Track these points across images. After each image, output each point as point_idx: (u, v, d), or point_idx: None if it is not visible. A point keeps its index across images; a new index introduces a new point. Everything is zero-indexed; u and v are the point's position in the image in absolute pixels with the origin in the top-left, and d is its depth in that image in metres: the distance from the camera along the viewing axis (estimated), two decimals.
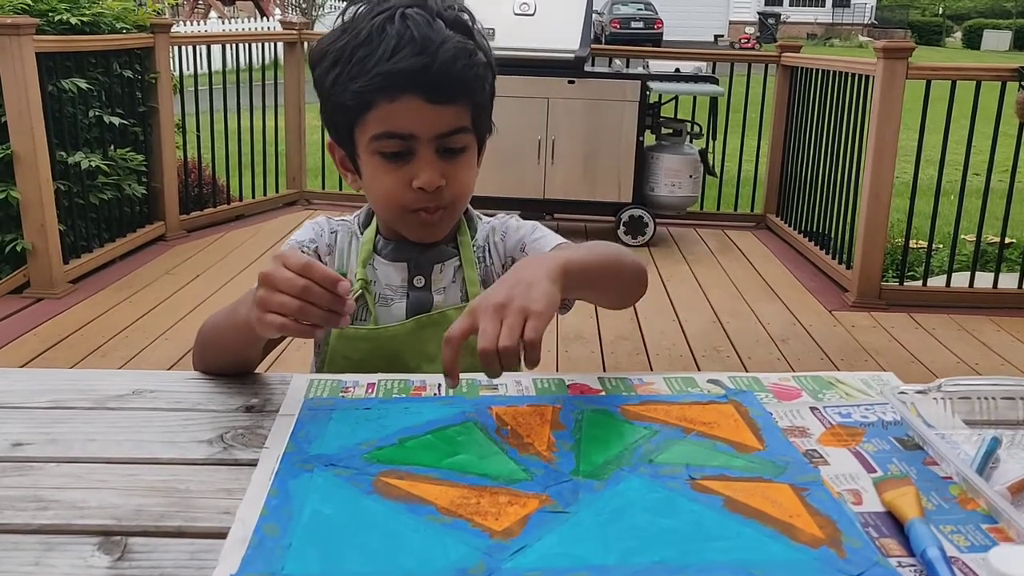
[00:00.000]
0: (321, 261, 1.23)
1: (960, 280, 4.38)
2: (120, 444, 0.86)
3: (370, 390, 0.97)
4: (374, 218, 1.26)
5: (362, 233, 1.26)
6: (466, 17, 1.15)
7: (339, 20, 1.14)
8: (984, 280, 4.37)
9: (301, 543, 0.67)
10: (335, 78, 1.11)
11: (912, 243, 4.57)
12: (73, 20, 4.30)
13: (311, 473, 0.78)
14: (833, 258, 4.69)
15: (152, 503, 0.76)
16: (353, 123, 1.13)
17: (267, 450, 0.84)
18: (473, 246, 1.26)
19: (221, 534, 0.71)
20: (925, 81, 4.11)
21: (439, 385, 0.98)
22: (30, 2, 4.20)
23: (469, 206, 1.28)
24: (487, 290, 0.92)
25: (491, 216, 1.33)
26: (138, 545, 0.70)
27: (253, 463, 0.82)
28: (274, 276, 0.89)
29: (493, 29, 4.72)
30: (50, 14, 4.26)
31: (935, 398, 0.93)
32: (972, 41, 35.59)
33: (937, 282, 4.48)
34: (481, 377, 1.01)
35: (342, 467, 0.79)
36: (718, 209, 5.99)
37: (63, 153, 4.11)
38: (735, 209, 6.03)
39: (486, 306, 0.87)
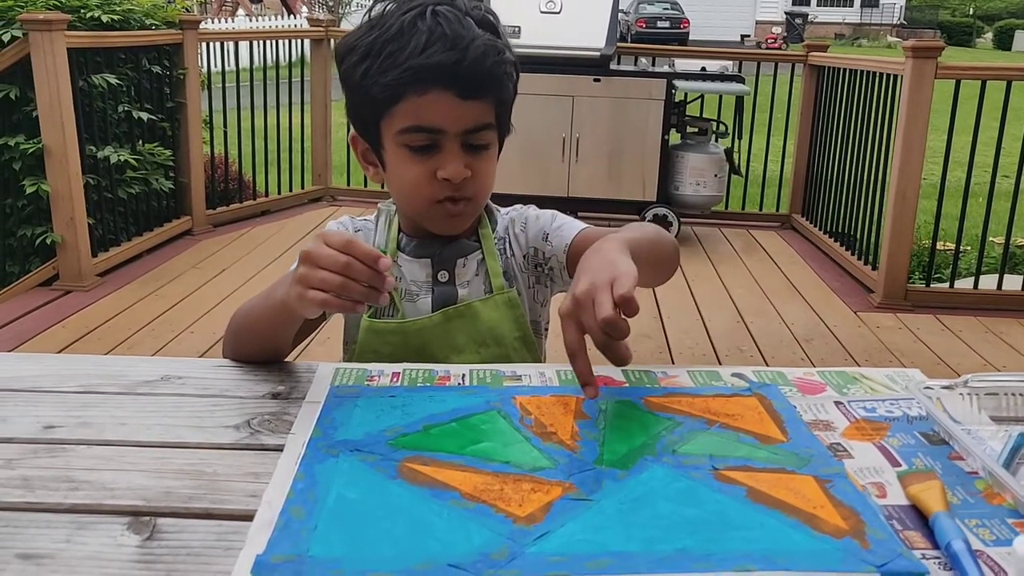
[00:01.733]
0: None
1: (988, 282, 4.34)
2: (149, 428, 0.88)
3: (395, 379, 0.97)
4: (396, 217, 1.27)
5: (385, 232, 1.27)
6: (492, 17, 1.16)
7: (366, 17, 1.15)
8: (1012, 282, 4.32)
9: (327, 526, 0.68)
10: (364, 71, 1.12)
11: (939, 245, 4.53)
12: (104, 17, 4.35)
13: (337, 458, 0.78)
14: (859, 259, 4.66)
15: (180, 485, 0.77)
16: (380, 116, 1.15)
17: (293, 436, 0.85)
18: (494, 238, 1.27)
19: (248, 516, 0.72)
20: (954, 81, 4.07)
21: (463, 375, 0.99)
22: None
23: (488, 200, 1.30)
24: (569, 291, 0.91)
25: (508, 208, 1.35)
26: (167, 525, 0.71)
27: (279, 448, 0.83)
28: (316, 253, 0.91)
29: (519, 27, 4.73)
30: (81, 10, 4.31)
31: (961, 394, 0.92)
32: (1003, 42, 35.15)
33: (964, 284, 4.44)
34: (504, 368, 1.01)
35: (367, 453, 0.79)
36: (743, 209, 5.97)
37: (92, 147, 4.17)
38: (760, 209, 6.01)
39: (577, 302, 0.87)
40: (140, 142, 4.52)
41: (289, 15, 19.26)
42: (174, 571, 0.66)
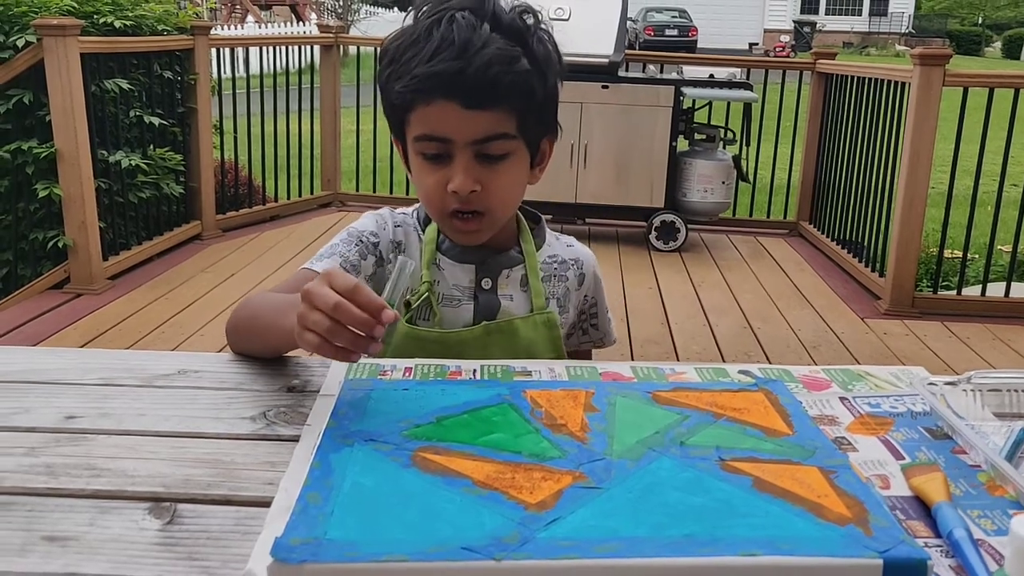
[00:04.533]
0: (383, 258, 1.24)
1: (995, 290, 4.34)
2: (168, 419, 0.90)
3: (407, 373, 0.99)
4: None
5: (423, 230, 1.26)
6: (529, 21, 1.13)
7: (407, 18, 1.15)
8: (1020, 290, 4.33)
9: (343, 511, 0.70)
10: (387, 76, 1.13)
11: (947, 253, 4.53)
12: (117, 23, 4.39)
13: (352, 447, 0.80)
14: (866, 266, 4.67)
15: (199, 473, 0.79)
16: (402, 121, 1.15)
17: (309, 427, 0.87)
18: (541, 257, 1.27)
19: (265, 503, 0.74)
20: (962, 89, 4.08)
21: (474, 370, 1.01)
22: (75, 4, 4.30)
23: (543, 219, 1.31)
24: None
25: (565, 235, 1.37)
26: (187, 511, 0.73)
27: (295, 439, 0.85)
28: (312, 292, 0.86)
29: None
30: (95, 16, 4.35)
31: (965, 390, 0.94)
32: (1012, 51, 35.09)
33: (972, 291, 4.44)
34: (515, 363, 1.03)
35: (381, 442, 0.81)
36: (751, 216, 5.98)
37: (104, 152, 4.20)
38: (768, 216, 6.01)
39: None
40: (151, 147, 4.56)
41: (299, 21, 19.36)
42: (195, 553, 0.68)
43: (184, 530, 0.71)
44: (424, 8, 1.13)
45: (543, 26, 1.16)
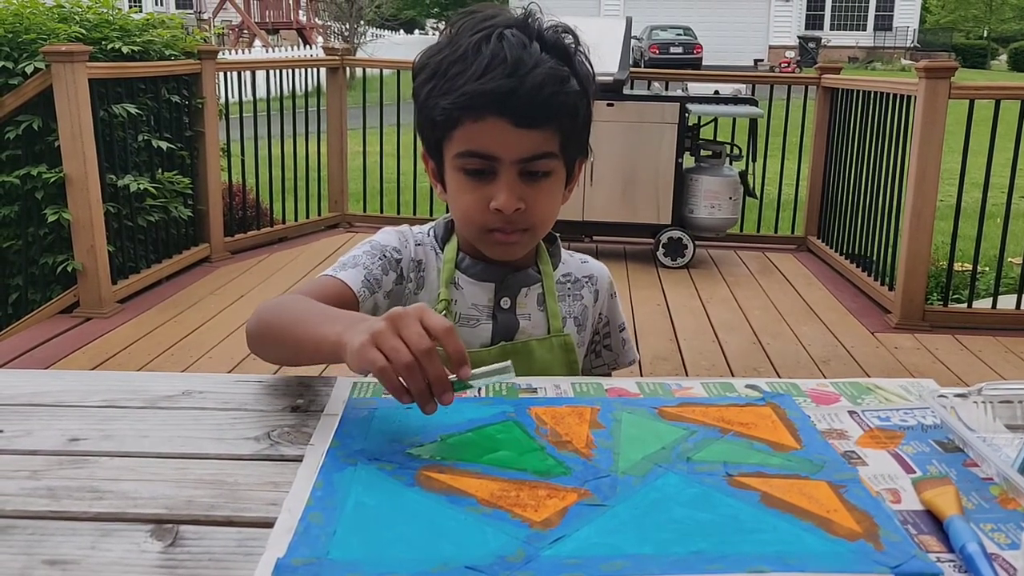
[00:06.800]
0: (404, 276, 1.22)
1: (1007, 302, 4.31)
2: (171, 440, 0.89)
3: None
4: (454, 234, 1.24)
5: (442, 249, 1.24)
6: (569, 41, 1.13)
7: (445, 33, 1.14)
8: None
9: (345, 530, 0.69)
10: (428, 92, 1.11)
11: (957, 266, 4.51)
12: (125, 49, 4.42)
13: (355, 467, 0.80)
14: (875, 280, 4.64)
15: (202, 494, 0.78)
16: (441, 138, 1.14)
17: (312, 447, 0.87)
18: (557, 277, 1.26)
19: (268, 523, 0.73)
20: (968, 101, 4.07)
21: (479, 388, 1.00)
22: (84, 31, 4.33)
23: (558, 238, 1.30)
24: None
25: (580, 253, 1.35)
26: (189, 532, 0.73)
27: (299, 459, 0.84)
28: (405, 322, 0.82)
29: None
30: (103, 42, 4.39)
31: (975, 402, 0.93)
32: (1018, 63, 35.03)
33: (982, 304, 4.41)
34: (520, 381, 1.02)
35: (385, 461, 0.81)
36: (758, 231, 5.97)
37: (113, 176, 4.22)
38: (775, 231, 6.00)
39: None
40: (159, 170, 4.58)
41: (305, 45, 19.49)
42: None
43: (186, 552, 0.70)
44: (462, 25, 1.11)
45: (581, 47, 1.15)
